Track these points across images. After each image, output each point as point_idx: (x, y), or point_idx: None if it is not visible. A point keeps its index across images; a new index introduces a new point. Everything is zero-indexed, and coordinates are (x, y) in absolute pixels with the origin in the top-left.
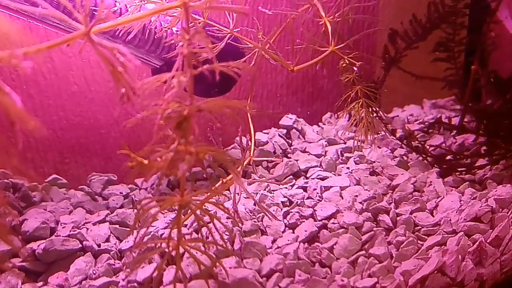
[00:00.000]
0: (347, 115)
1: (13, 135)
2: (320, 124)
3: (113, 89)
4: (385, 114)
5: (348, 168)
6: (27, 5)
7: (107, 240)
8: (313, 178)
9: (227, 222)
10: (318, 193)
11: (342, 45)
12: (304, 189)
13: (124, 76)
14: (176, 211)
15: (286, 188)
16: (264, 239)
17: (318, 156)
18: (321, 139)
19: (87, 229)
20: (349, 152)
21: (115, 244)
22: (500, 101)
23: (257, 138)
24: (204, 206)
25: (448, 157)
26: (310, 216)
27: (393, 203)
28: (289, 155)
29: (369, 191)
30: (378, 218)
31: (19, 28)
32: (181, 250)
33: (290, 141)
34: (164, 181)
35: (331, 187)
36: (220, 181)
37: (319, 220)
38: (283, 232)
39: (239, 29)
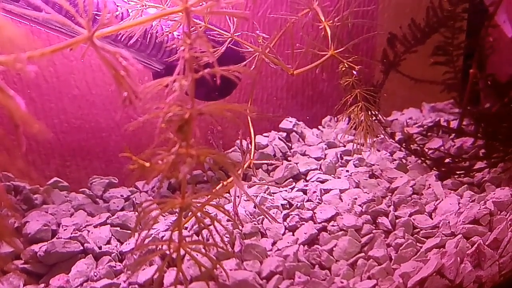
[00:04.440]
0: (346, 118)
1: (16, 138)
2: (319, 127)
3: (114, 93)
4: (384, 118)
5: (347, 171)
6: (30, 10)
7: (108, 242)
8: (313, 181)
9: (227, 225)
10: (317, 195)
11: (342, 49)
12: (304, 191)
13: (126, 79)
14: (176, 214)
15: (286, 190)
16: (264, 242)
17: (317, 159)
18: (321, 142)
19: (88, 231)
20: (349, 155)
21: (116, 246)
22: (498, 105)
23: (257, 141)
24: (205, 208)
25: (447, 160)
26: (310, 218)
27: (392, 206)
28: (289, 158)
29: (368, 193)
30: (377, 221)
31: (23, 33)
32: (182, 252)
33: (290, 144)
34: (165, 184)
35: (331, 190)
36: (221, 184)
37: (319, 223)
38: (283, 234)
39: (239, 33)
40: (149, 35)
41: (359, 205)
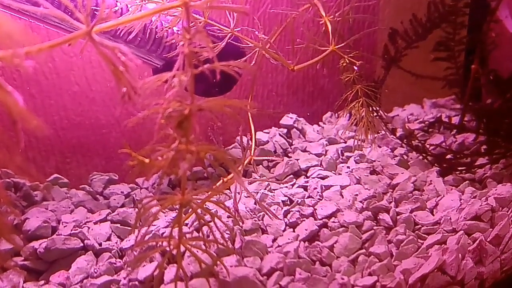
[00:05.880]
0: (347, 114)
1: (15, 134)
2: (320, 123)
3: (114, 89)
4: (385, 114)
5: (348, 167)
6: (29, 5)
7: (108, 239)
8: (314, 177)
9: (228, 221)
10: (318, 192)
11: (343, 44)
12: (305, 188)
13: (125, 75)
14: (177, 210)
15: (286, 187)
16: (264, 238)
17: (318, 155)
18: (322, 138)
19: (89, 228)
20: (350, 151)
21: (116, 243)
22: (500, 100)
23: (258, 138)
24: (205, 205)
25: (448, 156)
26: (311, 215)
27: (393, 202)
28: (289, 155)
29: (369, 190)
30: (378, 217)
31: (21, 28)
32: (182, 248)
33: (290, 141)
34: (165, 180)
35: (332, 186)
36: (221, 180)
37: (320, 219)
38: (283, 231)
39: (239, 28)
40: (148, 31)
41: (360, 202)
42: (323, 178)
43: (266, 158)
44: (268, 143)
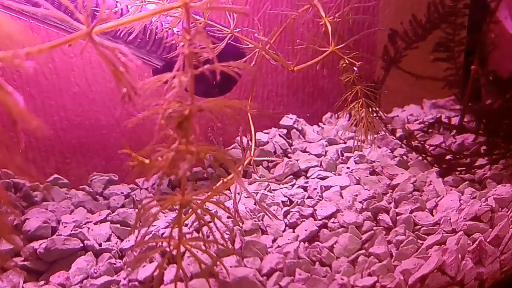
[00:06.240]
0: (347, 115)
1: (15, 135)
2: (320, 124)
3: (114, 89)
4: (385, 114)
5: (348, 167)
6: (29, 6)
7: (108, 239)
8: (313, 178)
9: (227, 222)
10: (318, 192)
11: (342, 45)
12: (305, 188)
13: (126, 76)
14: (177, 211)
15: (286, 187)
16: (264, 238)
17: (318, 156)
18: (322, 139)
19: (88, 228)
20: (349, 152)
21: (116, 243)
22: (500, 101)
23: (258, 138)
24: (205, 205)
25: (448, 157)
26: (310, 215)
27: (393, 203)
28: (289, 155)
29: (369, 190)
30: (378, 218)
31: (21, 29)
32: (182, 249)
33: (290, 141)
34: (165, 181)
35: (331, 186)
36: (221, 181)
37: (319, 220)
38: (283, 231)
39: (239, 29)
40: (148, 31)
41: (360, 202)
42: (323, 178)
43: (266, 158)
44: (268, 143)
